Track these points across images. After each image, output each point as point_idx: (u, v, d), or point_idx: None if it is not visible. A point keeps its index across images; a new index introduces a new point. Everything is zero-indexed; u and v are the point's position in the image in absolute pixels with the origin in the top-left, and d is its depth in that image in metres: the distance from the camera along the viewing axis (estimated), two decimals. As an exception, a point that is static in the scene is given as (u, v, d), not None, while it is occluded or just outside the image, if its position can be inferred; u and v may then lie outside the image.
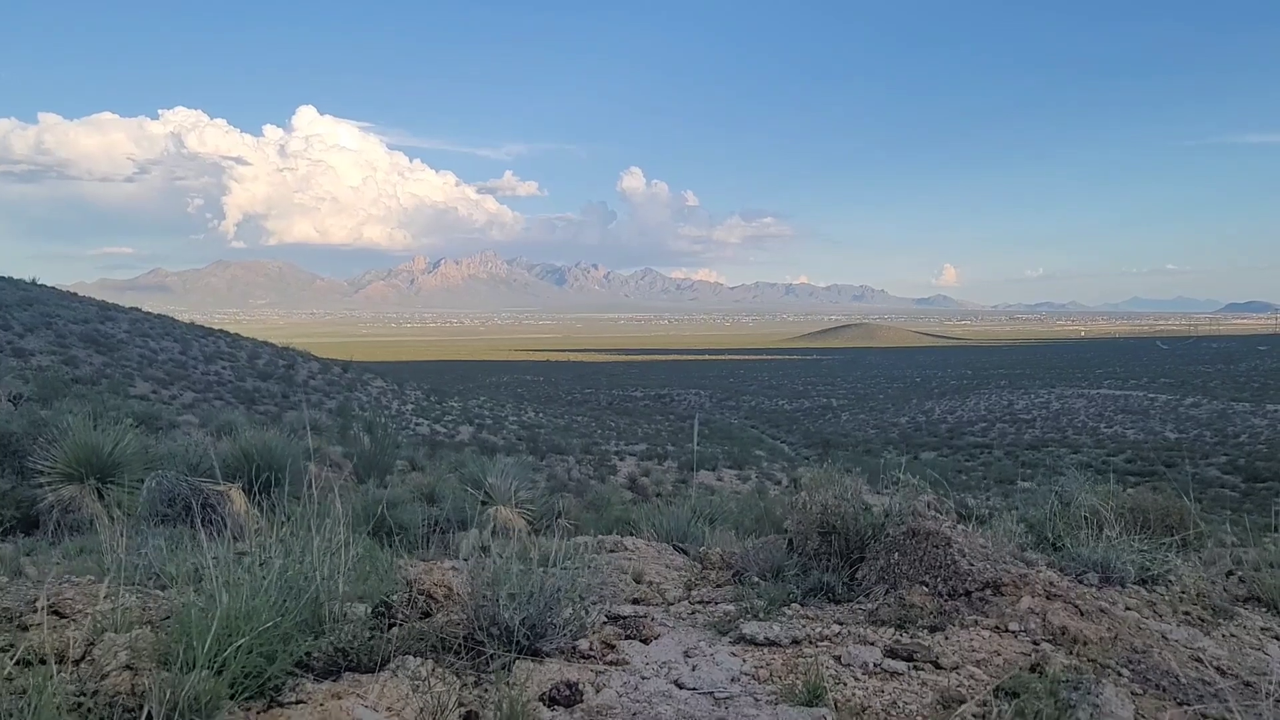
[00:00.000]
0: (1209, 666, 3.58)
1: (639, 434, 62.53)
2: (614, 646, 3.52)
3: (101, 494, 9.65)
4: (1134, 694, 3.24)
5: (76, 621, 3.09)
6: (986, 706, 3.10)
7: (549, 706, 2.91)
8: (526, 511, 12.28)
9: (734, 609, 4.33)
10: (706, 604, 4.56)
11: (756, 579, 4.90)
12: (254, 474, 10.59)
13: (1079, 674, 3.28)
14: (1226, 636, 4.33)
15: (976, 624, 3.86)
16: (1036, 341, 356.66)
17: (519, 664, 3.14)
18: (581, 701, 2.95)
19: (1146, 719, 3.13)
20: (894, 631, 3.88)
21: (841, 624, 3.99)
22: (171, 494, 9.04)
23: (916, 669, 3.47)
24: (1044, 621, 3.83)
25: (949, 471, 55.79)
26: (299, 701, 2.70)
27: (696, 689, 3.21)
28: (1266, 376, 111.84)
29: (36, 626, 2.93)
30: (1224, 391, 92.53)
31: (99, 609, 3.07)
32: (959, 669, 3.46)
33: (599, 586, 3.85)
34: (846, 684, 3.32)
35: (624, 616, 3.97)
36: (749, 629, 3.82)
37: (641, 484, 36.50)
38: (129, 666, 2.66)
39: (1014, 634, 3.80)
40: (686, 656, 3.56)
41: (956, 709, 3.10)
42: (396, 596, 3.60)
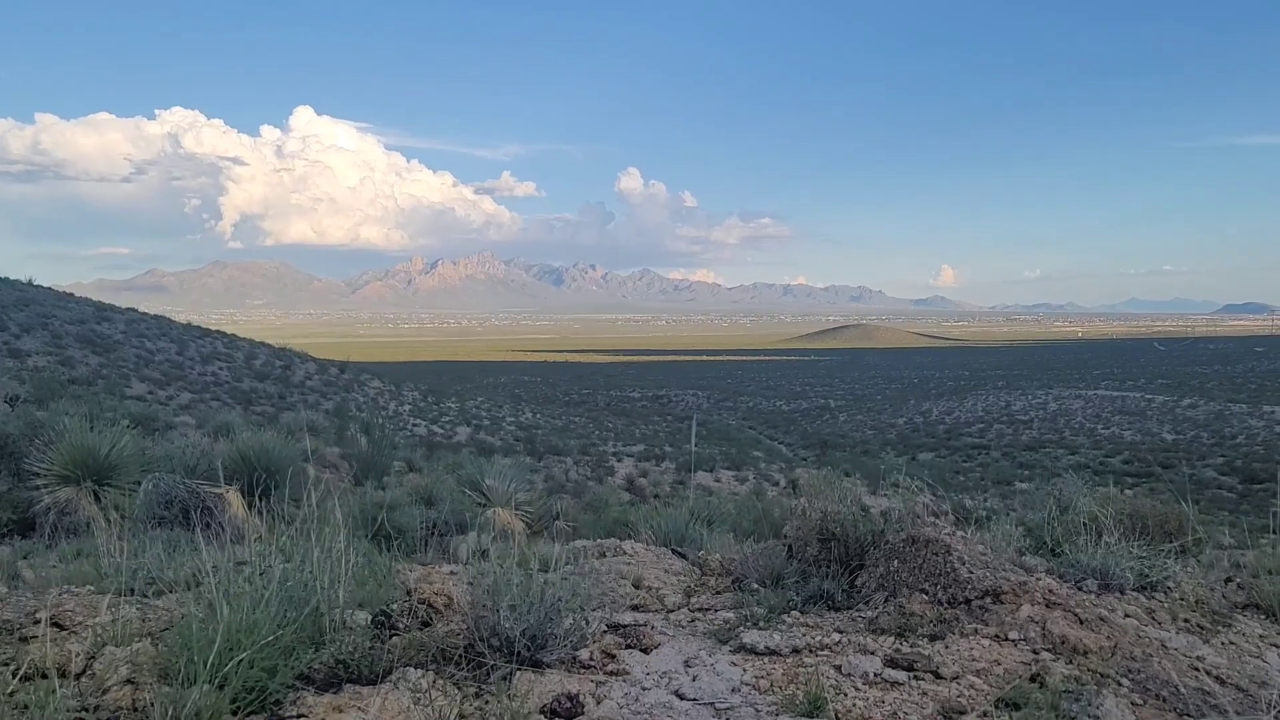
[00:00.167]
0: (1208, 676, 3.58)
1: (637, 435, 62.52)
2: (614, 656, 3.52)
3: (98, 496, 9.63)
4: (1134, 704, 3.24)
5: (77, 634, 3.08)
6: (988, 718, 3.10)
7: (550, 719, 2.91)
8: (525, 513, 12.28)
9: (734, 616, 4.32)
10: (706, 611, 4.56)
11: (756, 586, 4.90)
12: (252, 476, 10.58)
13: (1080, 685, 3.28)
14: (1225, 644, 4.33)
15: (977, 632, 3.86)
16: (1034, 342, 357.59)
17: (520, 675, 3.13)
18: (583, 714, 2.95)
19: (1147, 730, 3.14)
20: (894, 640, 3.87)
21: (841, 632, 3.98)
22: (169, 496, 9.02)
23: (917, 679, 3.46)
24: (1044, 630, 3.83)
25: (947, 472, 55.87)
26: (300, 716, 2.70)
27: (697, 700, 3.21)
28: (1263, 378, 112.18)
29: (37, 639, 2.92)
30: (1221, 393, 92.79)
31: (99, 621, 3.06)
32: (959, 679, 3.45)
33: (599, 596, 3.84)
34: (847, 694, 3.32)
35: (624, 625, 3.96)
36: (749, 638, 3.81)
37: (639, 485, 36.48)
38: (130, 681, 2.66)
39: (1014, 643, 3.80)
40: (687, 666, 3.56)
41: (958, 720, 3.10)
42: (396, 605, 3.60)
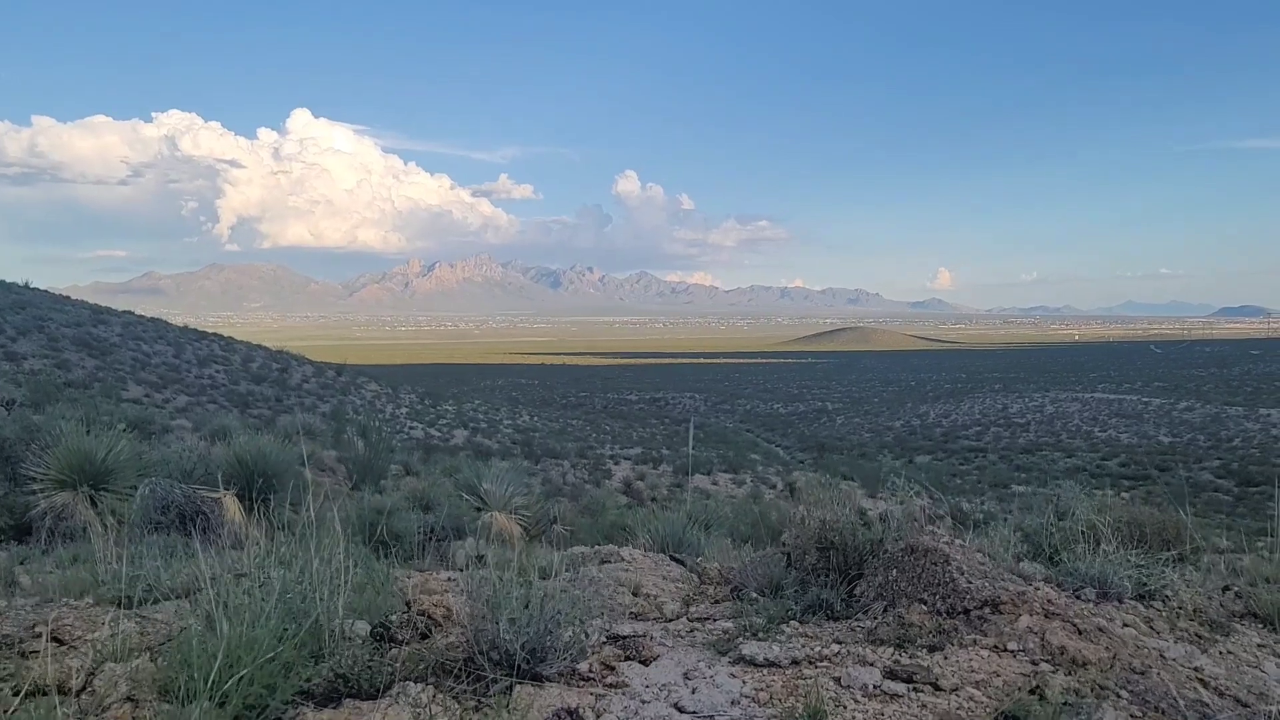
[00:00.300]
0: (1207, 688, 3.58)
1: (634, 437, 62.53)
2: (614, 668, 3.51)
3: (95, 501, 9.61)
4: (1133, 717, 3.24)
5: (77, 649, 3.07)
6: (987, 731, 3.09)
7: (550, 733, 2.90)
8: (522, 517, 12.25)
9: (733, 626, 4.32)
10: (705, 621, 4.56)
11: (755, 595, 4.90)
12: (249, 480, 10.56)
13: (1079, 697, 3.28)
14: (1224, 654, 4.33)
15: (975, 643, 3.86)
16: (1031, 345, 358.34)
17: (519, 689, 3.13)
18: (582, 727, 2.94)
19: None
20: (893, 651, 3.86)
21: (840, 643, 3.98)
22: (165, 501, 8.99)
23: (916, 690, 3.46)
24: (1043, 641, 3.83)
25: (944, 475, 55.94)
26: (300, 731, 2.69)
27: (697, 713, 3.20)
28: (1259, 381, 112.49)
29: (37, 655, 2.91)
30: (1217, 395, 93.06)
31: (98, 636, 3.06)
32: (959, 690, 3.44)
33: (598, 608, 3.84)
34: (846, 707, 3.31)
35: (623, 636, 3.96)
36: (748, 649, 3.81)
37: (637, 488, 36.47)
38: (130, 698, 2.65)
39: (1013, 654, 3.80)
40: (686, 678, 3.55)
41: (957, 733, 3.09)
42: (396, 617, 3.59)
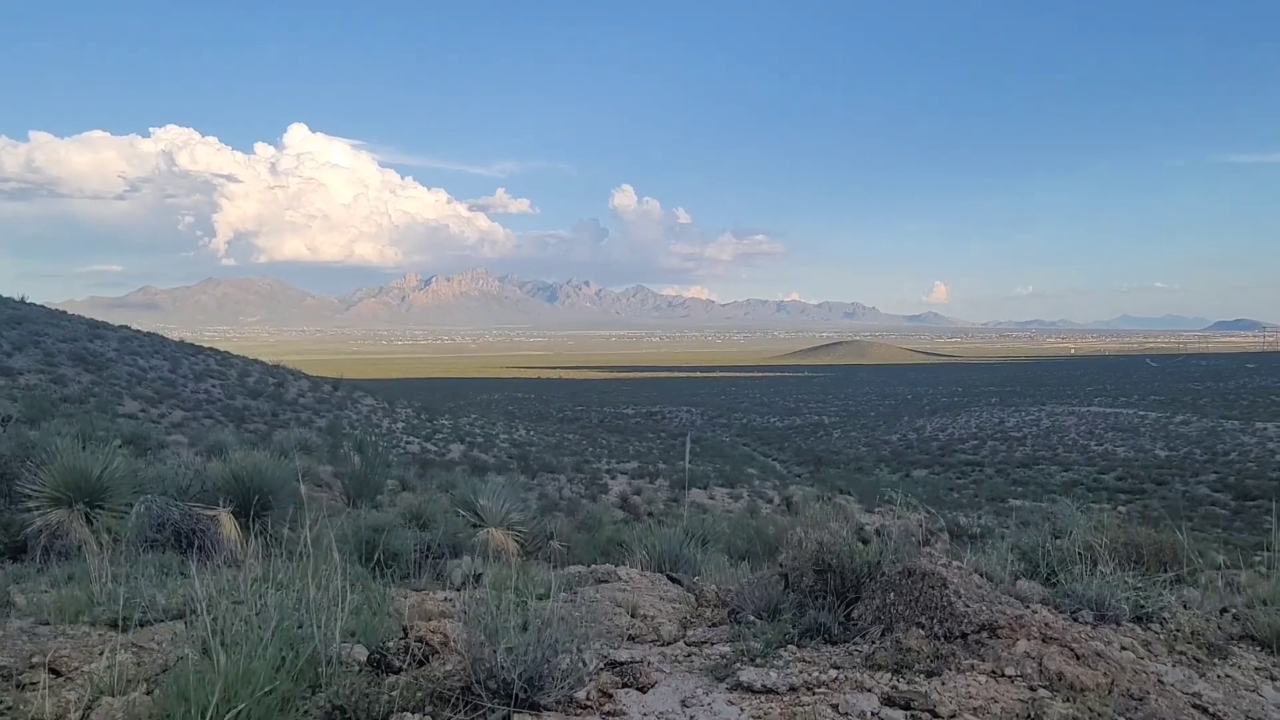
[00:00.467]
0: (1205, 713, 3.58)
1: (630, 452, 62.41)
2: (611, 696, 3.50)
3: (90, 519, 9.57)
4: (1131, 744, 3.23)
5: (74, 680, 3.06)
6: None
7: (547, 763, 2.89)
8: (518, 534, 12.22)
9: (730, 651, 4.31)
10: (702, 645, 4.55)
11: (752, 618, 4.88)
12: (245, 497, 10.52)
13: (1077, 725, 3.28)
14: (1222, 678, 4.33)
15: (973, 668, 3.86)
16: (1027, 359, 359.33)
17: (516, 718, 3.12)
18: (580, 757, 2.93)
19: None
20: (891, 676, 3.86)
21: (838, 668, 3.98)
22: (161, 519, 8.96)
23: (914, 717, 3.45)
24: (1040, 666, 3.83)
25: (941, 489, 55.94)
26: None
27: (695, 741, 3.19)
28: (1255, 394, 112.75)
29: (35, 686, 2.90)
30: (1213, 409, 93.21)
31: (95, 667, 3.04)
32: (956, 717, 3.44)
33: (595, 634, 3.82)
34: (844, 734, 3.30)
35: (621, 662, 3.95)
36: (746, 676, 3.80)
37: (633, 503, 36.37)
38: (126, 733, 2.64)
39: (1010, 679, 3.80)
40: (684, 706, 3.54)
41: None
42: (393, 644, 3.58)
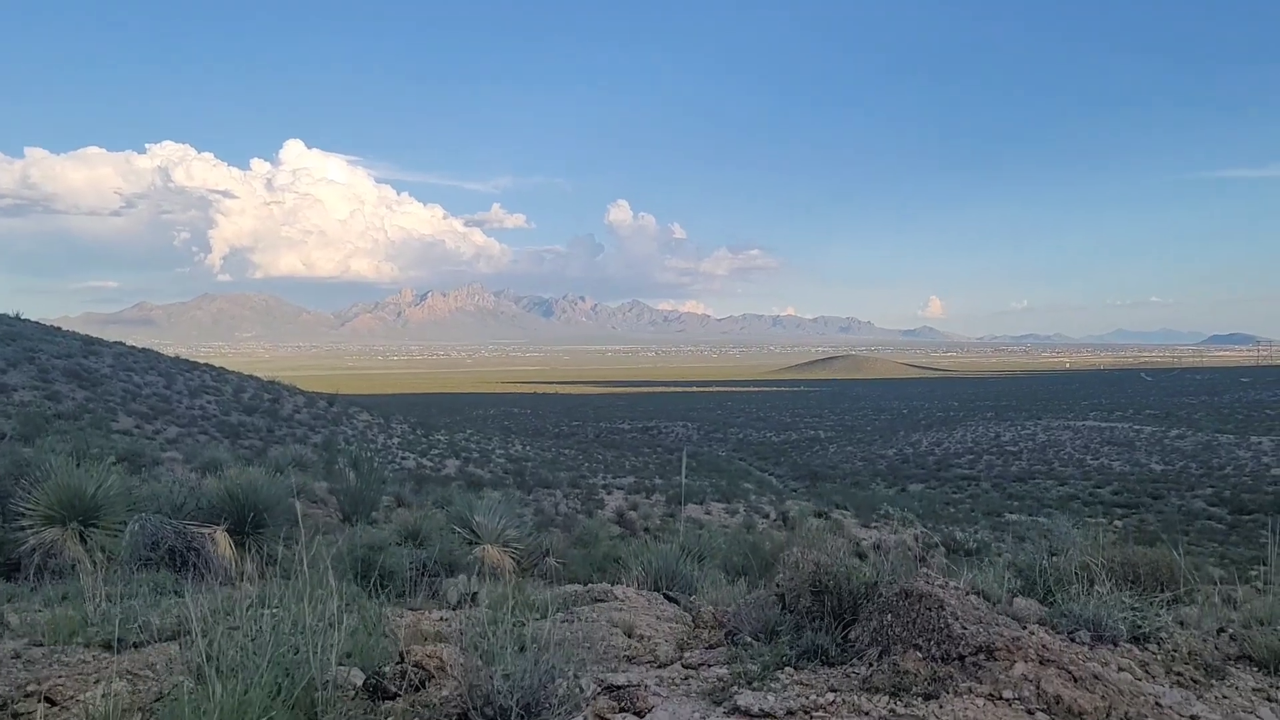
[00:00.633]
0: (1203, 736, 3.57)
1: (626, 467, 62.36)
2: (609, 721, 3.49)
3: (84, 537, 9.53)
4: (1130, 769, 3.23)
5: (69, 710, 3.04)
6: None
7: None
8: (514, 550, 12.19)
9: (727, 673, 4.30)
10: (699, 667, 4.53)
11: (749, 639, 4.87)
12: (240, 514, 10.49)
13: (1075, 750, 3.27)
14: (1219, 699, 4.32)
15: (971, 691, 3.85)
16: (1022, 373, 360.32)
17: (513, 745, 3.11)
18: (577, 784, 2.92)
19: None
20: (888, 699, 3.84)
21: (835, 691, 3.97)
22: (155, 537, 8.93)
23: (912, 742, 3.44)
24: (1038, 690, 3.82)
25: (937, 504, 55.96)
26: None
27: (692, 767, 3.18)
28: (1250, 408, 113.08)
29: (29, 716, 2.88)
30: (1208, 423, 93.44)
31: (90, 696, 3.03)
32: (954, 741, 3.43)
33: (593, 659, 3.81)
34: (842, 759, 3.29)
35: (618, 686, 3.93)
36: (743, 700, 3.79)
37: (629, 518, 36.30)
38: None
39: (1008, 702, 3.79)
40: (682, 731, 3.53)
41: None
42: (389, 668, 3.56)
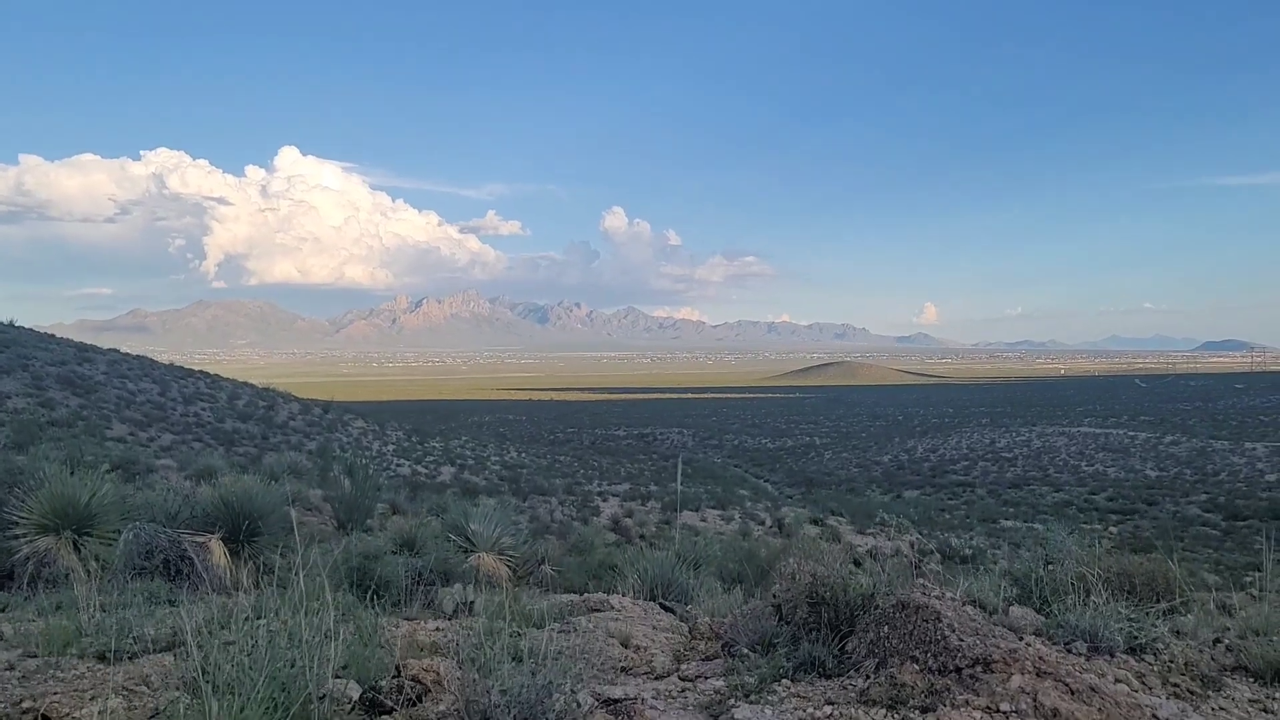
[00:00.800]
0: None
1: (622, 473, 62.31)
2: (605, 735, 3.48)
3: (78, 546, 9.48)
4: (1127, 783, 3.22)
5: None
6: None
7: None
8: (509, 558, 12.16)
9: (724, 685, 4.29)
10: (696, 680, 4.53)
11: (746, 651, 4.86)
12: (235, 523, 10.45)
13: (1072, 764, 3.27)
14: (1215, 710, 4.32)
15: (968, 704, 3.84)
16: (1017, 379, 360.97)
17: (511, 761, 3.10)
18: (574, 801, 2.91)
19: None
20: (885, 713, 3.84)
21: (833, 704, 3.96)
22: (149, 546, 8.88)
23: (910, 756, 3.44)
24: (1035, 702, 3.82)
25: (932, 510, 55.96)
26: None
27: (690, 782, 3.17)
28: (1244, 414, 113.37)
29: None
30: (1203, 429, 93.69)
31: (86, 713, 3.01)
32: (952, 755, 3.42)
33: (590, 675, 3.80)
34: (840, 774, 3.28)
35: (615, 700, 3.92)
36: (740, 713, 3.78)
37: (625, 525, 36.27)
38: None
39: (1005, 715, 3.78)
40: (679, 745, 3.52)
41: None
42: (385, 682, 3.55)
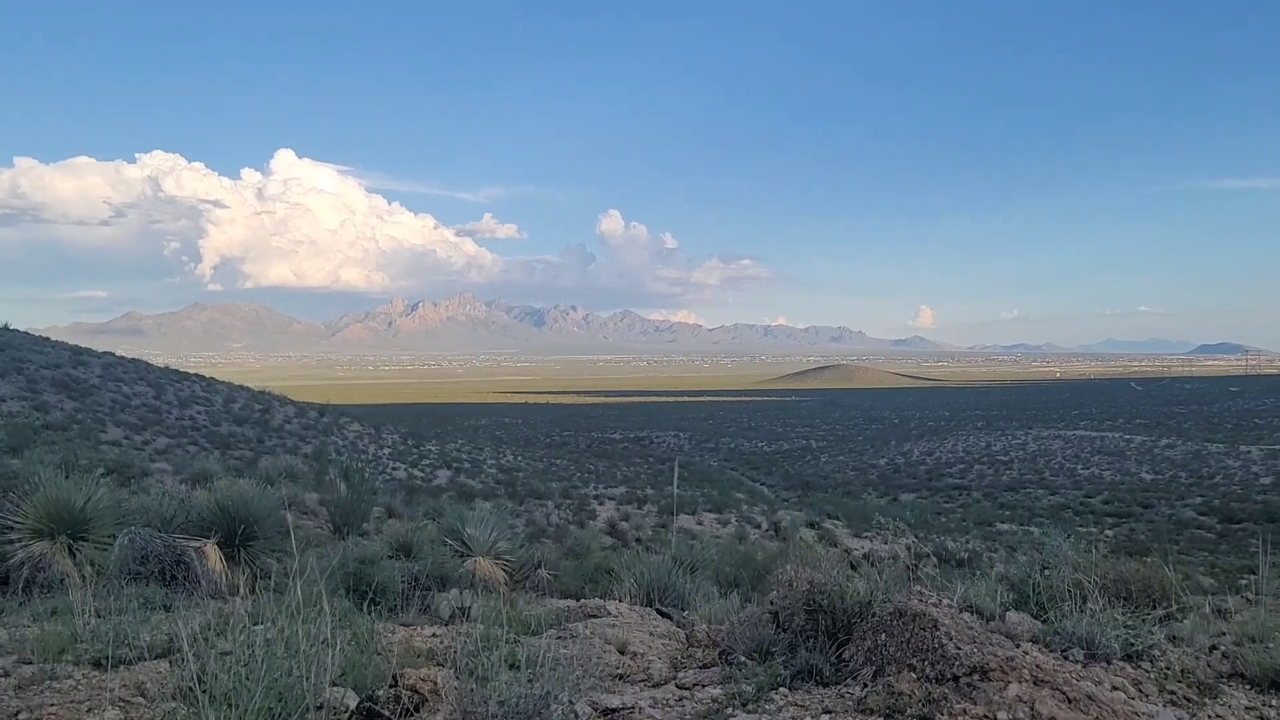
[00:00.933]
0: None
1: (618, 477, 62.27)
2: (603, 745, 3.47)
3: (73, 551, 9.45)
4: (1125, 793, 3.22)
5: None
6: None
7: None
8: (506, 563, 12.13)
9: (722, 694, 4.29)
10: (693, 688, 4.52)
11: (744, 658, 4.86)
12: (231, 527, 10.42)
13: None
14: (1212, 717, 4.33)
15: (965, 713, 3.84)
16: (1013, 383, 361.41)
17: (508, 771, 3.09)
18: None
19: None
20: (883, 721, 3.84)
21: (830, 712, 3.96)
22: (145, 551, 8.85)
23: (907, 765, 3.43)
24: (1033, 711, 3.82)
25: (928, 513, 55.95)
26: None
27: (687, 792, 3.16)
28: (1239, 417, 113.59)
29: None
30: (1198, 432, 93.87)
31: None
32: (950, 765, 3.42)
33: (587, 685, 3.80)
34: (838, 783, 3.28)
35: (613, 709, 3.92)
36: (738, 722, 3.78)
37: (621, 529, 36.24)
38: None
39: (1003, 724, 3.78)
40: (676, 755, 3.51)
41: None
42: (382, 692, 3.54)
